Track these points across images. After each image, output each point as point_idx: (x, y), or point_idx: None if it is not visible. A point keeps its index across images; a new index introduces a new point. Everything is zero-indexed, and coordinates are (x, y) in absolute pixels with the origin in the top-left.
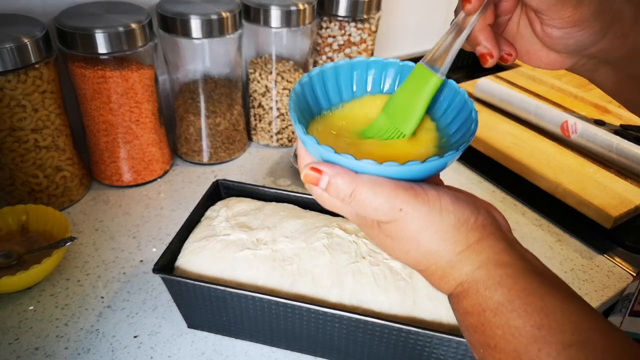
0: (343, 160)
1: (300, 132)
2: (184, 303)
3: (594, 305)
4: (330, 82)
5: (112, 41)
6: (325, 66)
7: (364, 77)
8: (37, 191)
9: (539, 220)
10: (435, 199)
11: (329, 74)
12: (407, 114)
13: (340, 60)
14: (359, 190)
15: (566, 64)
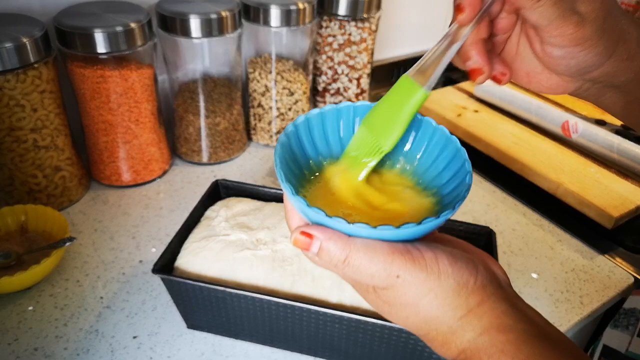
0: (335, 223)
1: (288, 191)
2: (184, 303)
3: (595, 306)
4: (317, 130)
5: (111, 41)
6: (311, 113)
7: (350, 122)
8: (36, 191)
9: (539, 220)
10: (433, 263)
11: (314, 122)
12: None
13: (325, 106)
14: (353, 255)
15: (569, 88)
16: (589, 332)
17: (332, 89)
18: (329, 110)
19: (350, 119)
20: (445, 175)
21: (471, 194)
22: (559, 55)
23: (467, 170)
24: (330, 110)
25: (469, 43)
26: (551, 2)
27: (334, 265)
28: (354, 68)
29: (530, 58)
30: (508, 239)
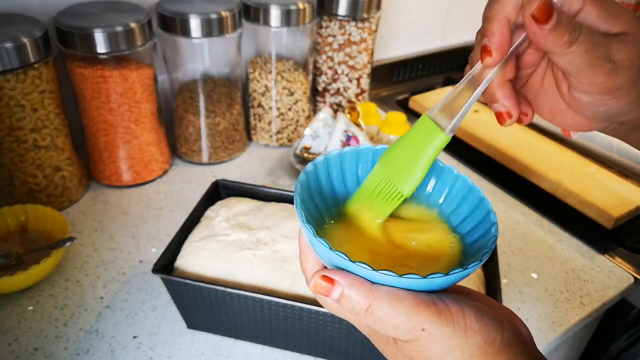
0: (359, 269)
1: (309, 233)
2: (184, 303)
3: (595, 306)
4: (335, 170)
5: (111, 41)
6: (330, 154)
7: (369, 165)
8: (36, 191)
9: (539, 220)
10: (460, 318)
11: (333, 162)
12: (407, 172)
13: (345, 147)
14: (377, 305)
15: (595, 127)
16: (588, 332)
17: (332, 89)
18: (349, 152)
19: (369, 162)
20: (468, 223)
21: None
22: (587, 101)
23: (492, 222)
24: (349, 152)
25: (495, 85)
26: (583, 49)
27: (355, 314)
28: (354, 68)
29: (555, 96)
30: (508, 238)
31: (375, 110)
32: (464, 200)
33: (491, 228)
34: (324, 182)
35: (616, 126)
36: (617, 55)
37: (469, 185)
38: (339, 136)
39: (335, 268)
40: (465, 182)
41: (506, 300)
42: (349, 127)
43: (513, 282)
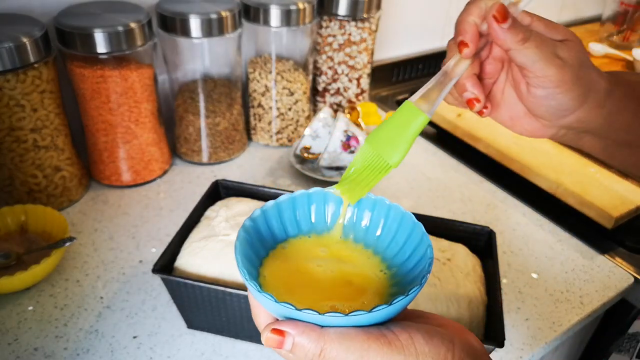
0: (306, 316)
1: (253, 289)
2: (184, 303)
3: (595, 306)
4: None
5: (111, 41)
6: (267, 205)
7: (306, 209)
8: (36, 191)
9: (539, 220)
10: (409, 344)
11: (270, 212)
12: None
13: (281, 197)
14: (329, 347)
15: (548, 132)
16: (588, 332)
17: (332, 89)
18: (285, 201)
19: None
20: (406, 250)
21: (471, 194)
22: (541, 95)
23: (427, 244)
24: (285, 200)
25: (464, 77)
26: (535, 44)
27: (310, 359)
28: (354, 68)
29: (514, 102)
30: (508, 239)
31: (375, 110)
32: (399, 228)
33: (427, 250)
34: (263, 231)
35: (566, 131)
36: (562, 53)
37: (401, 213)
38: (339, 136)
39: (285, 318)
40: (398, 210)
41: (506, 300)
42: (349, 127)
43: (513, 282)
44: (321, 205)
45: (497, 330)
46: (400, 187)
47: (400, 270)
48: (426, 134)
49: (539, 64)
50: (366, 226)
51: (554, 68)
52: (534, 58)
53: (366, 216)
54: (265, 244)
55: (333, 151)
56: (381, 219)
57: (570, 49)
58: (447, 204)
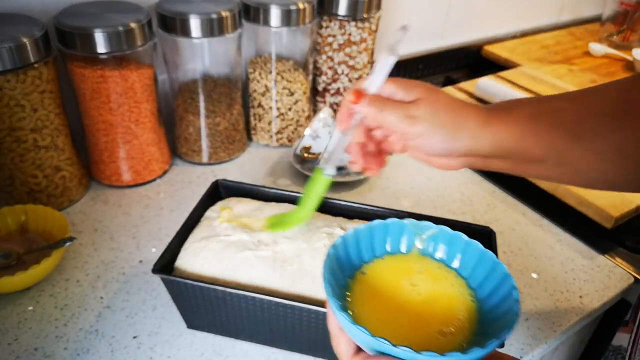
0: (402, 354)
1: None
2: (184, 303)
3: (595, 305)
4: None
5: (111, 41)
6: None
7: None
8: (36, 191)
9: (539, 220)
10: None
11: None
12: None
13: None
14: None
15: (457, 164)
16: (588, 332)
17: (332, 89)
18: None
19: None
20: (487, 286)
21: (471, 194)
22: (413, 145)
23: (511, 284)
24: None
25: (350, 145)
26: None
27: None
28: (354, 68)
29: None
30: (508, 238)
31: None
32: (478, 264)
33: (511, 292)
34: (342, 259)
35: (471, 159)
36: (414, 112)
37: (480, 250)
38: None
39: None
40: (477, 247)
41: None
42: None
43: None
44: (397, 235)
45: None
46: (400, 187)
47: (483, 304)
48: None
49: (397, 125)
50: (441, 259)
51: (408, 125)
52: (391, 121)
53: (441, 249)
54: (345, 272)
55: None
56: (457, 254)
57: (421, 106)
58: (447, 203)
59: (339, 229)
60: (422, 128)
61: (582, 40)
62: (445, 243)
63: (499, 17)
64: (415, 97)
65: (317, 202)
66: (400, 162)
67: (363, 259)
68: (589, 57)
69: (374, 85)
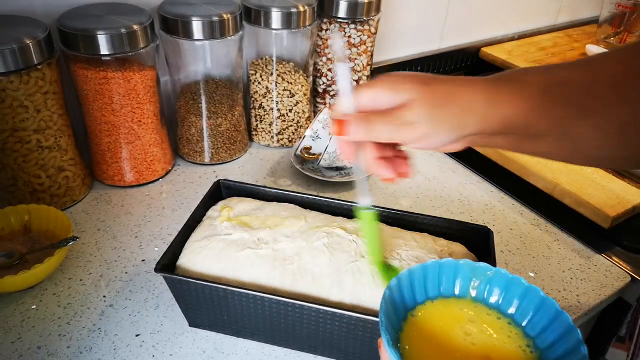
0: None
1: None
2: (186, 302)
3: (591, 304)
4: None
5: (114, 42)
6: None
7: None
8: (39, 191)
9: (537, 220)
10: None
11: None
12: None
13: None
14: None
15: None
16: (585, 331)
17: (332, 91)
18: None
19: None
20: (548, 336)
21: (469, 194)
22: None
23: (577, 338)
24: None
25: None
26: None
27: None
28: (353, 70)
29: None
30: (505, 238)
31: None
32: (538, 311)
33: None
34: (396, 299)
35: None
36: (409, 118)
37: (540, 297)
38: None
39: None
40: (536, 292)
41: None
42: None
43: None
44: (450, 275)
45: None
46: (399, 187)
47: (543, 355)
48: None
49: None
50: (497, 302)
51: (407, 133)
52: (386, 136)
53: (496, 293)
54: (398, 312)
55: (333, 152)
56: (515, 300)
57: (413, 109)
58: (446, 203)
59: (339, 228)
60: (422, 131)
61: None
62: (501, 287)
63: (496, 19)
64: (405, 98)
65: (377, 239)
66: None
67: (416, 301)
68: None
69: (346, 104)
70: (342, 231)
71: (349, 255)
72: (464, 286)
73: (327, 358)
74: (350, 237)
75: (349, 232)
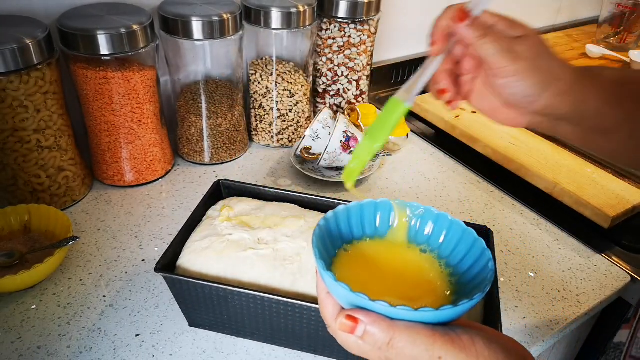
0: (378, 307)
1: (328, 278)
2: (186, 302)
3: (592, 304)
4: (354, 218)
5: (114, 42)
6: (352, 204)
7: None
8: (39, 191)
9: (537, 219)
10: (471, 345)
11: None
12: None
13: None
14: (397, 338)
15: (524, 121)
16: (586, 330)
17: (332, 91)
18: (368, 203)
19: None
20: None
21: (469, 194)
22: (501, 84)
23: (488, 257)
24: (368, 203)
25: (438, 72)
26: (491, 39)
27: (378, 348)
28: (353, 70)
29: (490, 95)
30: (505, 238)
31: (374, 111)
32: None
33: (488, 264)
34: (333, 231)
35: (541, 119)
36: (518, 48)
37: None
38: (339, 137)
39: (355, 308)
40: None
41: (503, 298)
42: (349, 128)
43: (510, 281)
44: (386, 213)
45: (494, 328)
46: (399, 187)
47: (461, 278)
48: (425, 134)
49: (495, 57)
50: (428, 234)
51: (507, 60)
52: (490, 52)
53: (429, 227)
54: (334, 243)
55: (333, 152)
56: (443, 231)
57: (526, 44)
58: (446, 203)
59: None
60: (521, 66)
61: (579, 42)
62: (432, 221)
63: None
64: (520, 33)
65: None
66: (399, 162)
67: (353, 235)
68: (586, 59)
69: (479, 7)
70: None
71: None
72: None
73: (327, 358)
74: None
75: None
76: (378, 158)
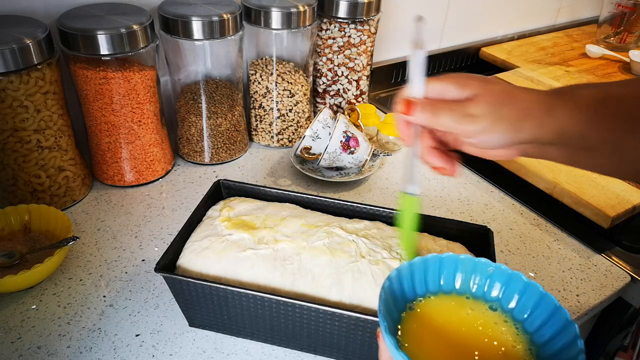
0: None
1: (391, 345)
2: (186, 302)
3: (591, 304)
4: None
5: (114, 42)
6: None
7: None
8: (39, 191)
9: (537, 219)
10: None
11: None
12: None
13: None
14: None
15: (514, 154)
16: (585, 330)
17: (332, 91)
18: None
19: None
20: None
21: (469, 194)
22: (473, 143)
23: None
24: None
25: (426, 151)
26: (444, 113)
27: None
28: (353, 70)
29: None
30: (505, 238)
31: (374, 111)
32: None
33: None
34: (396, 291)
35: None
36: (472, 110)
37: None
38: (339, 137)
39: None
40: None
41: None
42: (349, 128)
43: None
44: (451, 270)
45: None
46: (399, 187)
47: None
48: None
49: (455, 127)
50: (497, 297)
51: (467, 124)
52: (449, 124)
53: (496, 287)
54: (397, 303)
55: (333, 152)
56: (515, 294)
57: (479, 102)
58: (446, 203)
59: (339, 228)
60: (483, 125)
61: (579, 42)
62: (501, 282)
63: (496, 19)
64: (470, 93)
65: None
66: (399, 162)
67: (416, 293)
68: (586, 59)
69: (417, 89)
70: (342, 231)
71: (349, 255)
72: (465, 281)
73: (327, 358)
74: (350, 237)
75: (349, 232)
76: (378, 158)
